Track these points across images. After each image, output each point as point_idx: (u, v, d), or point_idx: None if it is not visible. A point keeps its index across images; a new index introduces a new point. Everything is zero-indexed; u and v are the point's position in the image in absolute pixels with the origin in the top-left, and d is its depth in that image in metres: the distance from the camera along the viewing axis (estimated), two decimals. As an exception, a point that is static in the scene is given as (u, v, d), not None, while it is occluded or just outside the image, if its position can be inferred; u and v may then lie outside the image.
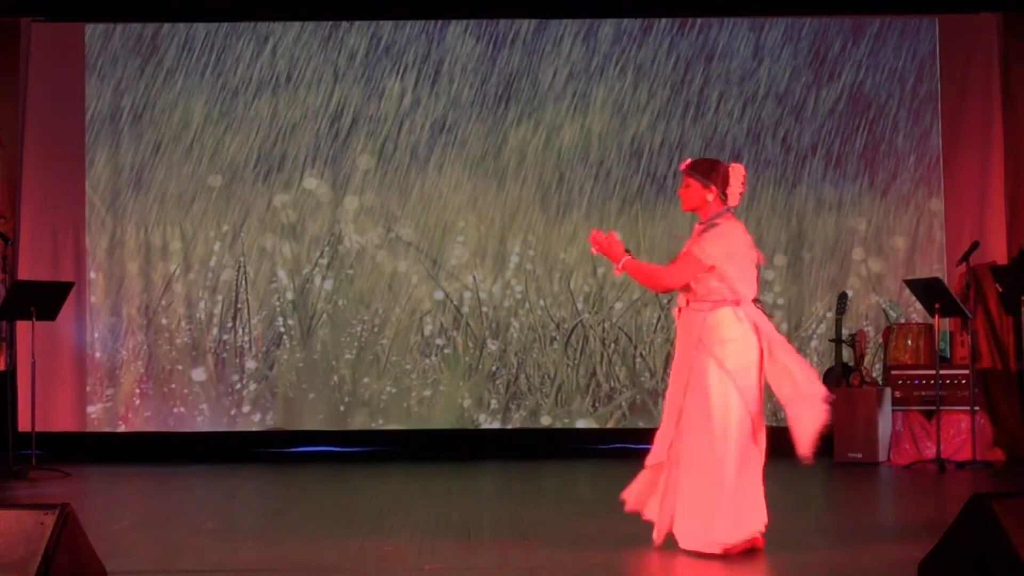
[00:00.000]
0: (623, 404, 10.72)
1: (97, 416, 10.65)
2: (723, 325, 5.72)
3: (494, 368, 10.75)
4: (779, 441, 10.88)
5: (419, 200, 10.77)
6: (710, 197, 5.87)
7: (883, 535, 6.54)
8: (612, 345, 10.74)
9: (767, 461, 5.80)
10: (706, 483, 5.64)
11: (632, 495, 5.93)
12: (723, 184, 5.85)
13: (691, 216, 10.91)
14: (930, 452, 9.63)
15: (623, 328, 10.74)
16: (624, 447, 10.77)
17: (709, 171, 5.87)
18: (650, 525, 5.91)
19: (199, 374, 10.69)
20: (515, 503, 8.00)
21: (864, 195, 10.81)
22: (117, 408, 10.66)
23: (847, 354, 10.22)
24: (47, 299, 9.40)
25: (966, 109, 10.78)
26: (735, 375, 5.65)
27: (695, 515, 5.66)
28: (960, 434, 9.70)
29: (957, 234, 10.67)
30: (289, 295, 10.74)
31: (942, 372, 9.70)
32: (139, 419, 10.66)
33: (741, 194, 5.90)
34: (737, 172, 5.87)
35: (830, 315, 10.53)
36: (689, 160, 5.98)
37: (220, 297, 10.73)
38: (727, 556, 5.64)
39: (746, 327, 5.69)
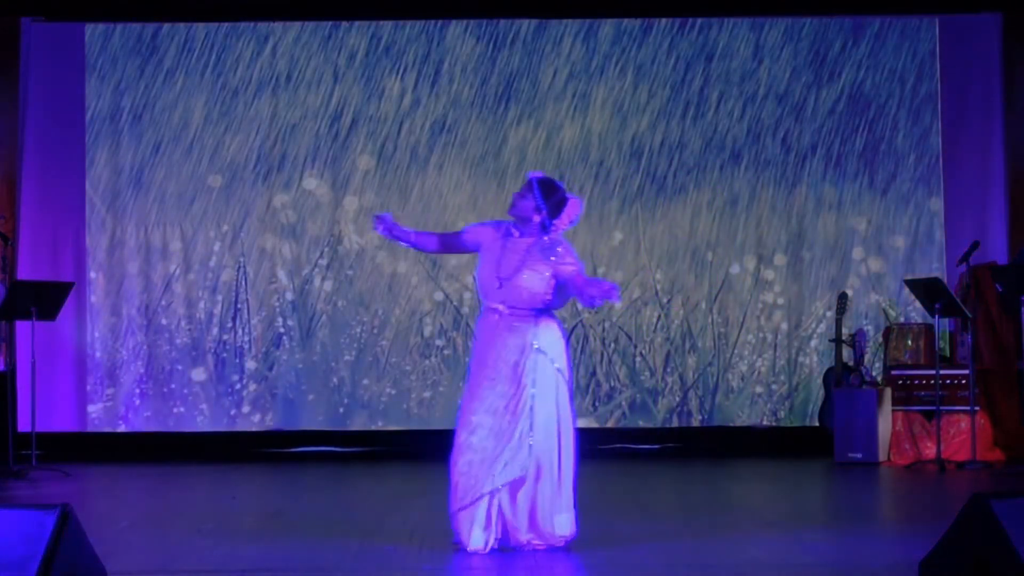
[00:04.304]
0: (623, 403, 10.72)
1: (97, 416, 10.65)
2: (558, 331, 5.88)
3: (494, 368, 10.73)
4: (781, 441, 10.90)
5: (419, 200, 10.77)
6: (536, 219, 5.85)
7: (883, 535, 6.54)
8: (612, 345, 10.74)
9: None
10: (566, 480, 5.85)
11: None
12: (554, 212, 5.84)
13: (691, 216, 10.95)
14: (930, 452, 9.63)
15: (623, 328, 10.74)
16: (624, 447, 10.78)
17: (549, 194, 5.86)
18: (664, 524, 5.90)
19: (199, 374, 10.69)
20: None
21: (864, 195, 10.81)
22: (117, 408, 10.66)
23: (847, 354, 10.22)
24: (47, 299, 9.40)
25: (966, 109, 10.78)
26: (565, 375, 5.87)
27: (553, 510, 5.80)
28: (960, 434, 9.70)
29: (957, 234, 10.67)
30: (289, 296, 10.74)
31: (942, 372, 9.69)
32: (139, 419, 10.66)
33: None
34: (574, 206, 5.90)
35: (830, 315, 10.52)
36: (540, 174, 5.96)
37: (220, 297, 10.72)
38: (731, 553, 5.65)
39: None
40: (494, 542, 5.74)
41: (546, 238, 5.86)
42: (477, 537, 5.72)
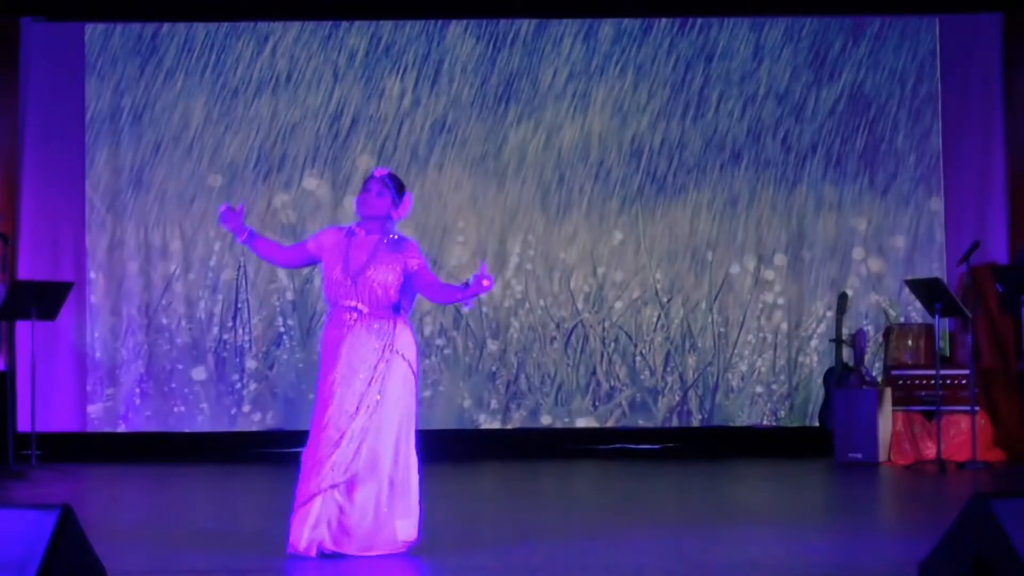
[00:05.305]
0: (623, 403, 10.72)
1: (97, 416, 10.65)
2: (411, 336, 5.85)
3: (494, 368, 10.75)
4: (781, 441, 10.90)
5: (419, 200, 10.75)
6: (394, 216, 5.89)
7: (883, 535, 6.54)
8: (612, 344, 10.74)
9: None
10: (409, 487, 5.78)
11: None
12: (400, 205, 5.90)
13: (691, 216, 10.93)
14: (930, 452, 9.64)
15: (623, 327, 10.74)
16: (624, 447, 10.78)
17: (401, 188, 5.93)
18: (664, 524, 5.90)
19: (199, 374, 10.69)
20: (515, 503, 8.00)
21: (864, 195, 10.81)
22: (117, 408, 10.66)
23: (847, 354, 10.22)
24: (47, 299, 9.40)
25: (966, 109, 10.78)
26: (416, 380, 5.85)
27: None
28: (960, 434, 9.70)
29: (957, 234, 10.67)
30: (289, 295, 10.74)
31: (942, 372, 9.70)
32: (139, 419, 10.67)
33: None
34: (409, 199, 5.98)
35: (830, 315, 10.53)
36: (387, 170, 5.97)
37: (220, 297, 10.73)
38: (731, 553, 5.65)
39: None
40: (317, 545, 5.64)
41: (392, 235, 5.87)
42: (304, 538, 5.65)
